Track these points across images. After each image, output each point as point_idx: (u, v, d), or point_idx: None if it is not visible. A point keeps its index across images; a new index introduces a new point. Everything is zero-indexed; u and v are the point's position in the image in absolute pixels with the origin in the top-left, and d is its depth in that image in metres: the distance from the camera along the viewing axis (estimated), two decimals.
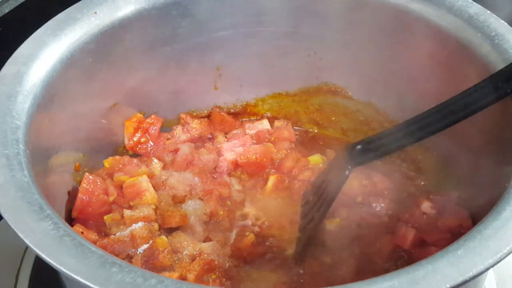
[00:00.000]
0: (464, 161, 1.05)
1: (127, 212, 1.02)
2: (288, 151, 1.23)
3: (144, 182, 1.05)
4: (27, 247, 1.08)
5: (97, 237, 0.98)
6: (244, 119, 1.32)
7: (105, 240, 0.98)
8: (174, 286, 0.64)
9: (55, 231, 0.70)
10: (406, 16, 1.07)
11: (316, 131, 1.32)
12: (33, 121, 0.87)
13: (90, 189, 1.02)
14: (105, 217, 1.03)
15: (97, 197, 1.02)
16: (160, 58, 1.15)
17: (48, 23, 0.99)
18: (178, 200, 1.10)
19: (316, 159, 1.21)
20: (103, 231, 1.03)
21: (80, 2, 1.04)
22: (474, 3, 1.02)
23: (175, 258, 0.98)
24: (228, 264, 1.00)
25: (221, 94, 1.28)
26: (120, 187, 1.06)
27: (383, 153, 1.00)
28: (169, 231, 1.04)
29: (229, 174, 1.19)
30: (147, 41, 1.11)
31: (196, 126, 1.23)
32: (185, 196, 1.11)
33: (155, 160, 1.15)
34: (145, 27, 1.09)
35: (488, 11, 1.00)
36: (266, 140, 1.26)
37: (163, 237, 1.00)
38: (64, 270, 0.66)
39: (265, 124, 1.28)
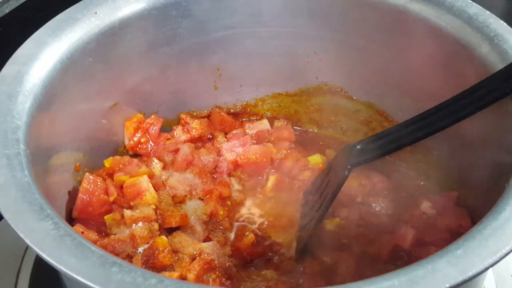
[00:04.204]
0: (464, 161, 1.05)
1: (127, 212, 1.02)
2: (288, 151, 1.23)
3: (144, 182, 1.05)
4: (27, 247, 1.08)
5: (97, 237, 0.98)
6: (244, 119, 1.32)
7: (105, 240, 0.98)
8: (174, 286, 0.64)
9: (56, 231, 0.70)
10: (406, 16, 1.07)
11: (316, 131, 1.32)
12: (33, 121, 0.87)
13: (90, 189, 1.02)
14: (105, 217, 1.03)
15: (97, 197, 1.03)
16: (160, 58, 1.15)
17: (48, 23, 1.00)
18: (178, 200, 1.10)
19: (316, 159, 1.21)
20: (103, 231, 1.03)
21: (80, 2, 1.04)
22: (474, 3, 1.02)
23: (175, 258, 0.98)
24: (228, 264, 0.99)
25: (221, 94, 1.28)
26: (120, 187, 1.06)
27: (383, 153, 1.00)
28: (169, 231, 1.04)
29: (229, 174, 1.19)
30: (147, 41, 1.12)
31: (196, 126, 1.23)
32: (185, 196, 1.11)
33: (155, 160, 1.15)
34: (145, 27, 1.09)
35: (488, 12, 1.01)
36: (266, 140, 1.26)
37: (163, 237, 1.00)
38: (65, 270, 0.66)
39: (265, 124, 1.28)
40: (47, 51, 0.95)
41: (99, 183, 1.04)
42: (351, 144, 1.03)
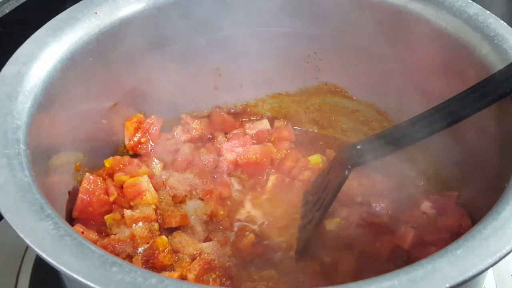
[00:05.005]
0: (464, 161, 1.05)
1: (127, 212, 1.02)
2: (288, 151, 1.23)
3: (144, 182, 1.05)
4: (27, 247, 1.08)
5: (97, 237, 0.98)
6: (244, 119, 1.32)
7: (106, 240, 0.98)
8: (174, 286, 0.64)
9: (56, 231, 0.70)
10: (406, 16, 1.07)
11: (316, 131, 1.32)
12: (33, 121, 0.87)
13: (90, 189, 1.02)
14: (105, 217, 1.03)
15: (97, 197, 1.03)
16: (160, 58, 1.15)
17: (49, 23, 1.00)
18: (178, 200, 1.10)
19: (316, 159, 1.21)
20: (103, 231, 1.03)
21: (80, 2, 1.05)
22: (474, 3, 1.02)
23: (175, 258, 0.98)
24: (228, 264, 1.00)
25: (221, 94, 1.28)
26: (120, 187, 1.06)
27: (383, 153, 1.00)
28: (170, 231, 1.04)
29: (229, 174, 1.19)
30: (147, 41, 1.12)
31: (196, 126, 1.23)
32: (185, 196, 1.11)
33: (156, 160, 1.15)
34: (145, 27, 1.09)
35: (488, 12, 1.01)
36: (266, 140, 1.26)
37: (163, 237, 1.00)
38: (65, 270, 0.66)
39: (265, 124, 1.28)
40: (47, 51, 0.95)
41: (99, 183, 1.04)
42: (351, 144, 1.03)
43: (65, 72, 0.96)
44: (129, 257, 0.97)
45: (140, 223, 1.01)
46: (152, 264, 0.96)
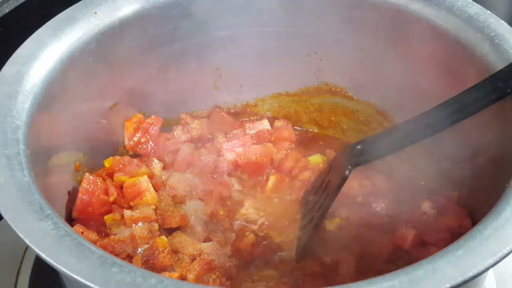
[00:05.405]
0: (464, 161, 1.05)
1: (127, 212, 1.02)
2: (288, 151, 1.23)
3: (144, 183, 1.05)
4: (27, 247, 1.08)
5: (97, 237, 0.98)
6: (244, 119, 1.32)
7: (105, 240, 0.98)
8: (174, 286, 0.64)
9: (55, 231, 0.70)
10: (406, 16, 1.07)
11: (316, 131, 1.32)
12: (33, 121, 0.87)
13: (90, 189, 1.02)
14: (105, 217, 1.03)
15: (97, 197, 1.02)
16: (160, 58, 1.15)
17: (48, 23, 1.00)
18: (178, 200, 1.10)
19: (316, 159, 1.21)
20: (103, 231, 1.03)
21: (80, 2, 1.04)
22: (474, 3, 1.02)
23: (175, 258, 0.98)
24: (228, 264, 1.00)
25: (221, 94, 1.28)
26: (120, 187, 1.06)
27: (383, 153, 1.00)
28: (169, 231, 1.04)
29: (229, 174, 1.19)
30: (147, 41, 1.12)
31: (196, 126, 1.23)
32: (185, 196, 1.11)
33: (155, 161, 1.15)
34: (145, 27, 1.09)
35: (488, 11, 1.01)
36: (266, 140, 1.26)
37: (163, 237, 1.00)
38: (64, 270, 0.66)
39: (265, 124, 1.28)
40: (47, 51, 0.95)
41: (99, 183, 1.04)
42: (351, 144, 1.03)
43: (65, 72, 0.96)
44: (129, 258, 0.97)
45: (140, 223, 1.01)
46: (152, 265, 0.96)
